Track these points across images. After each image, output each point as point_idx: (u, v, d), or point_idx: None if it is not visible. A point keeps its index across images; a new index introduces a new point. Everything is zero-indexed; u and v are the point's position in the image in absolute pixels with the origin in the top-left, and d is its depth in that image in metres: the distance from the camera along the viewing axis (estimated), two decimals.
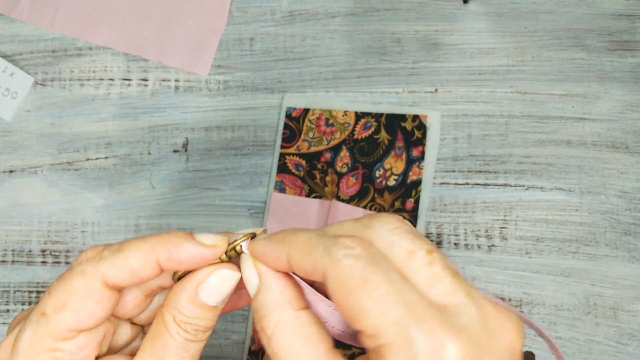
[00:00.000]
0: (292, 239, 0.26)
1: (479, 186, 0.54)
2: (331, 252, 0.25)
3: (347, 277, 0.24)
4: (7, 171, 0.57)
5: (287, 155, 0.55)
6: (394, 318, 0.23)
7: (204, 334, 0.29)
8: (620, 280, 0.52)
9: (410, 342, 0.23)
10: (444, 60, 0.56)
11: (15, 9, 0.58)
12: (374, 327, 0.23)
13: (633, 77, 0.55)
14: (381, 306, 0.23)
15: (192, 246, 0.28)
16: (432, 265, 0.25)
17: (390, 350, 0.23)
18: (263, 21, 0.57)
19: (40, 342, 0.27)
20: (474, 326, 0.24)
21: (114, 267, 0.28)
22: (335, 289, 0.24)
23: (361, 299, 0.24)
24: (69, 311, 0.27)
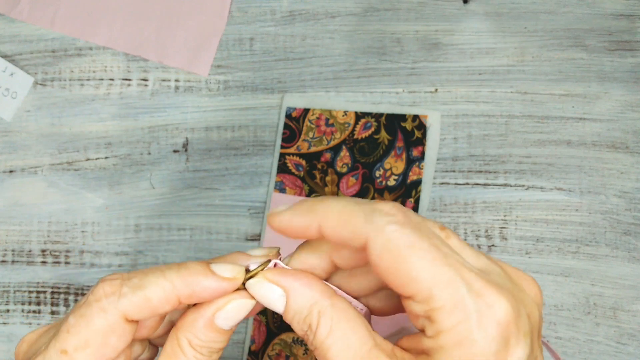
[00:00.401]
0: (324, 207, 0.27)
1: (479, 186, 0.54)
2: (373, 219, 0.25)
3: (395, 244, 0.25)
4: (7, 171, 0.57)
5: (287, 155, 0.55)
6: (446, 281, 0.24)
7: (218, 353, 0.29)
8: (620, 280, 0.52)
9: (463, 303, 0.24)
10: (444, 60, 0.56)
11: (15, 9, 0.58)
12: (426, 291, 0.24)
13: (633, 77, 0.55)
14: (432, 270, 0.24)
15: (212, 282, 0.28)
16: (449, 238, 0.26)
17: (443, 312, 0.24)
18: (263, 21, 0.57)
19: None
20: (506, 281, 0.25)
21: (135, 305, 0.28)
22: (383, 256, 0.25)
23: (412, 265, 0.24)
24: (91, 349, 0.27)
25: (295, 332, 0.28)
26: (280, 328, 0.53)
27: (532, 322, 0.25)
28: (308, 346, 0.28)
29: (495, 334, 0.24)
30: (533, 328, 0.25)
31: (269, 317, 0.53)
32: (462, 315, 0.24)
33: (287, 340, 0.53)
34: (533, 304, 0.26)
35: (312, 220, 0.27)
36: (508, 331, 0.24)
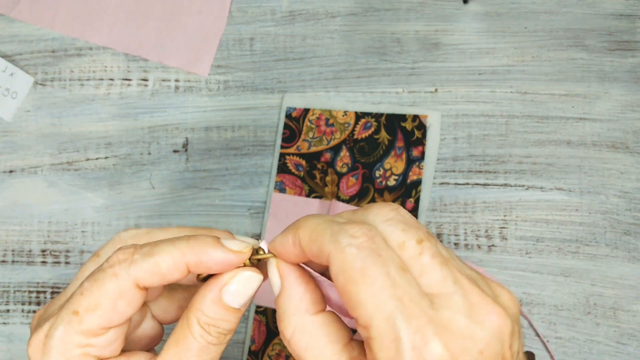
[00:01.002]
0: (303, 223, 0.28)
1: (479, 186, 0.54)
2: (337, 239, 0.26)
3: (349, 266, 0.25)
4: (7, 171, 0.57)
5: (287, 155, 0.55)
6: (386, 313, 0.24)
7: (225, 337, 0.30)
8: (620, 280, 0.52)
9: (398, 339, 0.24)
10: (444, 60, 0.56)
11: (15, 9, 0.58)
12: (366, 318, 0.25)
13: (633, 77, 0.55)
14: (376, 299, 0.25)
15: (219, 253, 0.29)
16: (421, 255, 0.26)
17: (379, 343, 0.24)
18: (263, 21, 0.57)
19: (72, 339, 0.29)
20: (459, 317, 0.25)
21: (145, 271, 0.28)
22: (337, 275, 0.26)
23: (359, 290, 0.25)
24: (101, 311, 0.28)
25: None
26: None
27: (486, 356, 0.25)
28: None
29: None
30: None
31: (269, 317, 0.53)
32: (395, 352, 0.24)
33: None
34: (491, 337, 0.25)
35: (294, 239, 0.28)
36: None
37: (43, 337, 0.29)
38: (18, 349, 0.55)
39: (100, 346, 0.29)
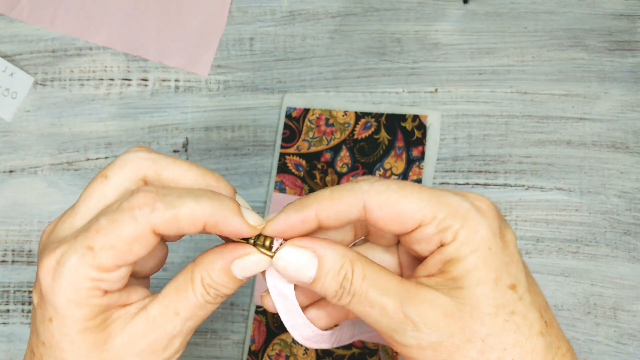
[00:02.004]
0: (314, 199, 0.30)
1: (479, 186, 0.54)
2: (360, 187, 0.30)
3: (388, 193, 0.29)
4: (7, 171, 0.57)
5: (287, 155, 0.55)
6: (438, 200, 0.29)
7: (222, 299, 0.32)
8: (620, 280, 0.52)
9: (459, 207, 0.29)
10: (444, 60, 0.56)
11: (15, 9, 0.58)
12: (430, 213, 0.29)
13: (633, 77, 0.55)
14: (426, 198, 0.29)
15: (237, 223, 0.30)
16: None
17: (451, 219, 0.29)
18: (263, 21, 0.57)
19: (85, 271, 0.29)
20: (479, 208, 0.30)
21: (164, 221, 0.29)
22: (383, 207, 0.29)
23: (410, 203, 0.29)
24: (116, 252, 0.29)
25: (326, 293, 0.30)
26: (280, 328, 0.53)
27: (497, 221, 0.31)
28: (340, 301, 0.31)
29: (490, 222, 0.30)
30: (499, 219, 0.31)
31: (269, 317, 0.53)
32: (464, 214, 0.29)
33: (287, 340, 0.53)
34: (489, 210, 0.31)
35: (308, 214, 0.30)
36: (496, 220, 0.30)
37: (54, 262, 0.30)
38: (18, 349, 0.55)
39: (111, 281, 0.30)
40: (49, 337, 0.30)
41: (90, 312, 0.30)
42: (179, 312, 0.30)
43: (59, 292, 0.29)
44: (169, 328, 0.30)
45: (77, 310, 0.29)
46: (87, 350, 0.30)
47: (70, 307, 0.29)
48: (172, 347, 0.31)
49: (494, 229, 0.29)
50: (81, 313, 0.29)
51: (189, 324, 0.31)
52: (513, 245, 0.30)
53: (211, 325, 0.54)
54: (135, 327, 0.30)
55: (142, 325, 0.30)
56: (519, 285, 0.29)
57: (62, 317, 0.30)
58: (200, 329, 0.54)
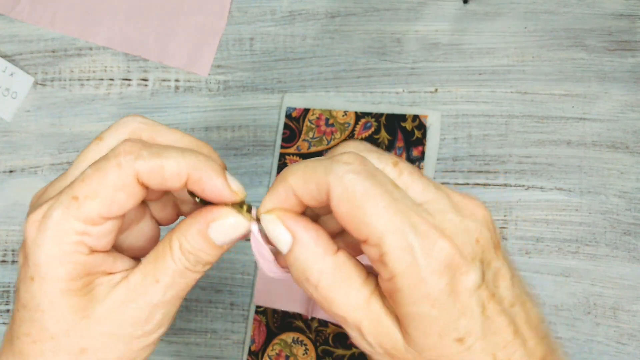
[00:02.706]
0: (290, 172, 0.29)
1: (479, 186, 0.54)
2: (332, 170, 0.27)
3: (351, 192, 0.27)
4: (7, 171, 0.57)
5: (287, 155, 0.55)
6: (396, 227, 0.26)
7: (203, 267, 0.31)
8: (620, 280, 0.52)
9: (410, 247, 0.26)
10: (444, 60, 0.56)
11: (15, 9, 0.58)
12: (377, 236, 0.26)
13: (633, 77, 0.55)
14: (384, 217, 0.26)
15: (219, 183, 0.29)
16: (401, 176, 0.28)
17: (393, 256, 0.26)
18: (263, 21, 0.57)
19: (70, 223, 0.29)
20: (449, 215, 0.28)
21: (149, 168, 0.29)
22: (341, 203, 0.27)
23: (365, 212, 0.27)
24: (100, 199, 0.29)
25: (292, 273, 0.30)
26: (280, 328, 0.53)
27: (483, 244, 0.28)
28: (305, 291, 0.30)
29: (442, 269, 0.26)
30: (485, 248, 0.28)
31: (269, 317, 0.53)
32: (411, 258, 0.26)
33: (287, 340, 0.53)
34: (481, 226, 0.28)
35: (287, 189, 0.29)
36: (453, 263, 0.26)
37: (40, 216, 0.29)
38: None
39: (96, 236, 0.29)
40: (29, 298, 0.30)
41: (73, 271, 0.29)
42: (159, 280, 0.30)
43: (42, 246, 0.29)
44: (149, 297, 0.30)
45: (59, 268, 0.29)
46: (67, 314, 0.29)
47: (52, 264, 0.29)
48: (154, 318, 0.30)
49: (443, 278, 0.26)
50: (64, 271, 0.29)
51: (171, 293, 0.30)
52: (468, 295, 0.27)
53: (211, 325, 0.54)
54: (116, 296, 0.30)
55: (123, 294, 0.30)
56: (469, 336, 0.27)
57: (43, 274, 0.29)
58: (200, 329, 0.54)
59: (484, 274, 0.27)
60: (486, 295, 0.27)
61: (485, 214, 0.29)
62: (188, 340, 0.54)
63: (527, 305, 0.30)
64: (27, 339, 0.30)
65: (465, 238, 0.27)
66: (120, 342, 0.30)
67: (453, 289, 0.26)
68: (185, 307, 0.55)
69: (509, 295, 0.29)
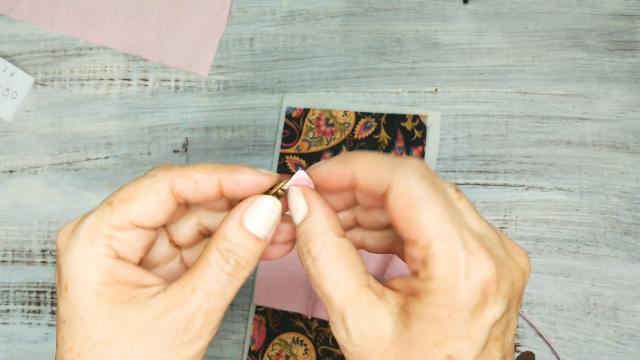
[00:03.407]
0: (358, 157, 0.30)
1: (479, 186, 0.54)
2: (399, 168, 0.28)
3: (412, 192, 0.28)
4: (7, 171, 0.57)
5: (287, 155, 0.55)
6: (446, 234, 0.27)
7: (242, 270, 0.31)
8: (620, 280, 0.52)
9: (456, 257, 0.27)
10: (444, 60, 0.56)
11: (15, 9, 0.58)
12: (428, 238, 0.27)
13: (633, 77, 0.55)
14: (438, 222, 0.27)
15: (250, 171, 0.31)
16: (460, 200, 0.29)
17: (438, 261, 0.27)
18: (263, 21, 0.57)
19: (101, 227, 0.30)
20: (500, 249, 0.28)
21: (181, 176, 0.31)
22: (399, 201, 0.28)
23: (422, 212, 0.27)
24: (134, 203, 0.30)
25: (297, 243, 0.31)
26: (280, 328, 0.53)
27: (515, 288, 0.28)
28: (303, 264, 0.31)
29: (478, 289, 0.27)
30: (514, 293, 0.28)
31: (269, 317, 0.53)
32: (453, 267, 0.27)
33: (287, 340, 0.53)
34: (520, 272, 0.29)
35: (347, 169, 0.30)
36: (489, 289, 0.27)
37: (75, 223, 0.30)
38: (18, 349, 0.55)
39: (123, 242, 0.30)
40: (67, 308, 0.30)
41: (103, 274, 0.29)
42: (196, 288, 0.30)
43: (73, 250, 0.29)
44: (187, 306, 0.30)
45: (91, 270, 0.29)
46: (105, 321, 0.29)
47: (83, 266, 0.29)
48: (192, 328, 0.30)
49: (474, 298, 0.27)
50: (95, 274, 0.29)
51: (209, 302, 0.30)
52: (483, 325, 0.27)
53: None
54: (154, 305, 0.30)
55: (161, 303, 0.30)
56: (459, 358, 0.27)
57: (75, 278, 0.29)
58: None
59: (503, 315, 0.28)
60: (495, 334, 0.28)
61: (527, 265, 0.30)
62: None
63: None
64: (72, 354, 0.30)
65: (506, 274, 0.28)
66: (159, 351, 0.30)
67: (475, 312, 0.27)
68: None
69: (507, 347, 0.29)
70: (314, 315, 0.52)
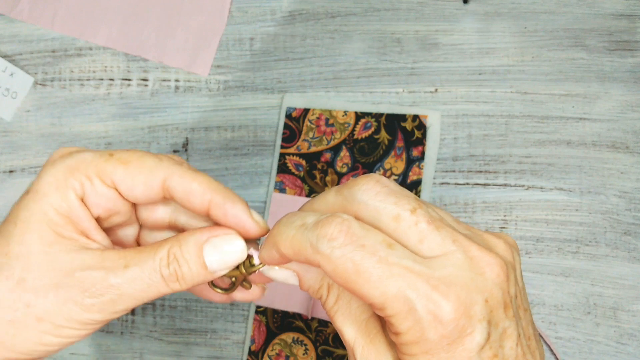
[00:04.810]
0: (279, 239, 0.28)
1: (479, 186, 0.54)
2: (318, 249, 0.27)
3: (342, 270, 0.26)
4: (7, 171, 0.57)
5: (287, 155, 0.55)
6: (394, 293, 0.26)
7: (174, 283, 0.30)
8: (620, 280, 0.52)
9: (412, 309, 0.26)
10: (444, 60, 0.56)
11: (15, 9, 0.58)
12: (380, 303, 0.26)
13: (633, 77, 0.55)
14: (380, 289, 0.26)
15: (242, 210, 0.31)
16: (418, 224, 0.27)
17: (397, 318, 0.26)
18: (263, 21, 0.57)
19: (89, 168, 0.30)
20: (461, 271, 0.27)
21: (179, 177, 0.30)
22: (335, 279, 0.27)
23: (361, 286, 0.26)
24: (126, 169, 0.30)
25: None
26: (280, 328, 0.53)
27: (492, 304, 0.27)
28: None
29: (446, 332, 0.26)
30: (493, 308, 0.27)
31: (269, 317, 0.53)
32: (413, 320, 0.26)
33: (287, 340, 0.53)
34: (492, 285, 0.27)
35: (277, 251, 0.29)
36: (459, 325, 0.26)
37: (73, 150, 0.31)
38: None
39: (96, 193, 0.30)
40: (15, 211, 0.30)
41: (63, 203, 0.29)
42: (129, 266, 0.29)
43: (56, 168, 0.30)
44: (110, 275, 0.29)
45: (55, 192, 0.29)
46: (35, 240, 0.29)
47: (53, 185, 0.29)
48: (100, 296, 0.29)
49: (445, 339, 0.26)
50: (57, 197, 0.29)
51: (131, 287, 0.29)
52: (468, 355, 0.27)
53: (211, 325, 0.54)
54: (83, 257, 0.29)
55: (89, 258, 0.29)
56: None
57: (38, 189, 0.30)
58: (200, 328, 0.54)
59: (490, 334, 0.27)
60: (489, 356, 0.27)
61: (500, 273, 0.28)
62: (188, 340, 0.54)
63: None
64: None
65: (475, 297, 0.27)
66: (57, 296, 0.29)
67: (453, 348, 0.26)
68: (186, 307, 0.55)
69: (512, 355, 0.28)
70: (314, 315, 0.52)
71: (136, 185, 0.30)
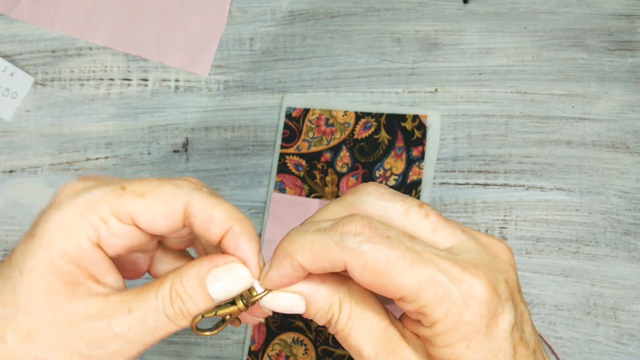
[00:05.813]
0: (294, 248, 0.28)
1: (479, 186, 0.54)
2: (345, 244, 0.27)
3: (372, 264, 0.26)
4: (7, 171, 0.57)
5: (287, 155, 0.55)
6: (427, 280, 0.26)
7: (181, 319, 0.29)
8: (620, 280, 0.52)
9: (447, 293, 0.26)
10: (444, 60, 0.56)
11: (15, 9, 0.58)
12: (413, 293, 0.26)
13: (633, 77, 0.55)
14: (413, 275, 0.26)
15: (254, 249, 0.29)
16: (428, 217, 0.28)
17: (433, 306, 0.26)
18: (263, 21, 0.57)
19: (101, 207, 0.28)
20: (480, 255, 0.28)
21: (202, 202, 0.29)
22: (365, 275, 0.27)
23: (394, 277, 0.26)
24: (143, 202, 0.28)
25: (317, 322, 0.30)
26: (280, 328, 0.53)
27: (511, 285, 0.28)
28: (329, 331, 0.30)
29: (482, 311, 0.26)
30: (512, 290, 0.28)
31: (269, 317, 0.53)
32: (450, 304, 0.26)
33: (287, 340, 0.53)
34: (508, 267, 0.28)
35: (294, 265, 0.28)
36: (492, 304, 0.26)
37: (83, 186, 0.29)
38: None
39: (111, 231, 0.28)
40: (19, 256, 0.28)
41: (70, 249, 0.28)
42: (132, 310, 0.28)
43: (63, 210, 0.28)
44: (114, 323, 0.28)
45: (62, 237, 0.28)
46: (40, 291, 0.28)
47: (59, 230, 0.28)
48: (107, 347, 0.28)
49: (483, 319, 0.26)
50: (63, 244, 0.28)
51: (137, 331, 0.28)
52: (503, 336, 0.27)
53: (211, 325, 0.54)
54: (87, 305, 0.28)
55: (92, 307, 0.28)
56: None
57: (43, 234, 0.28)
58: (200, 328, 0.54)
59: (515, 315, 0.27)
60: (517, 338, 0.27)
61: (510, 256, 0.29)
62: (188, 340, 0.54)
63: (543, 353, 0.30)
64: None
65: (499, 277, 0.27)
66: (63, 349, 0.28)
67: (489, 330, 0.27)
68: None
69: (532, 341, 0.28)
70: None
71: (157, 218, 0.28)
